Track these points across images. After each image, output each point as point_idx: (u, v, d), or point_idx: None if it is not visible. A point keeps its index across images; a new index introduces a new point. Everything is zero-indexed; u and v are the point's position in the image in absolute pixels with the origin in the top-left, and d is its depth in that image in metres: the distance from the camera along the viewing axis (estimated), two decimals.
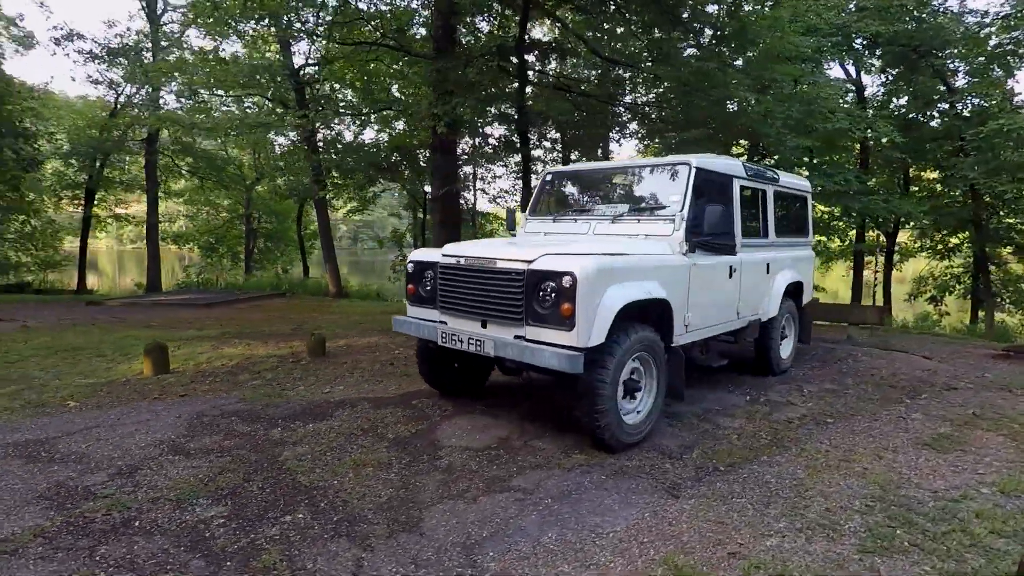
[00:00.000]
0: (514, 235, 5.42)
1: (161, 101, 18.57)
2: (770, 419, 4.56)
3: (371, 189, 17.99)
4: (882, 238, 19.75)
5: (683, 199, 4.35)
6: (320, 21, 10.31)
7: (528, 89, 10.70)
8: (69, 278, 21.84)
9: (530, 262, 3.59)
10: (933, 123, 16.52)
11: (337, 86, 16.02)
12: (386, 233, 24.49)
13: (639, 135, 15.03)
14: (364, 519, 2.91)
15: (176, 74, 14.92)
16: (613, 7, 9.23)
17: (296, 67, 15.11)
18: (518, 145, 11.50)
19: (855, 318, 8.87)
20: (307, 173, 16.50)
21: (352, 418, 4.30)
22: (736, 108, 9.33)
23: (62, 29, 19.65)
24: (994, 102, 14.19)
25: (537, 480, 3.32)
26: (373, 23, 9.86)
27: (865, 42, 16.75)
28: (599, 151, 15.52)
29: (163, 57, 16.88)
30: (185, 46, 17.77)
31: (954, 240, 17.71)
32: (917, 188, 18.24)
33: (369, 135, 21.30)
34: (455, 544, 2.67)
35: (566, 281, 3.38)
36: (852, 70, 18.10)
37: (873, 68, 17.54)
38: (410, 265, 4.43)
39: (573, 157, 16.12)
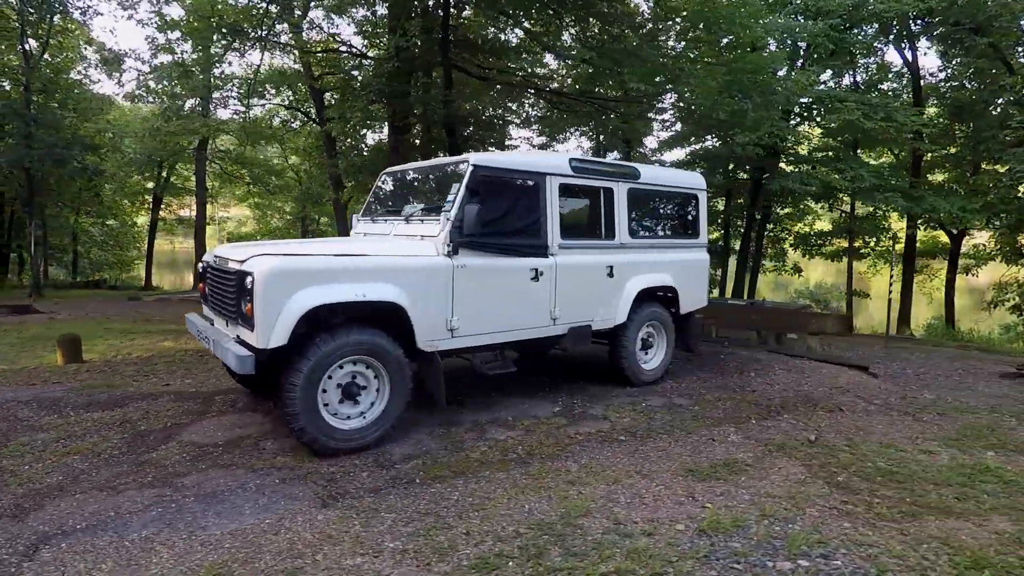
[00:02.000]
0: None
1: (211, 110, 20.16)
2: (556, 433, 4.27)
3: None
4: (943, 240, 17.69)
5: (455, 198, 4.18)
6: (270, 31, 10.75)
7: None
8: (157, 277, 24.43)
9: (242, 262, 3.61)
10: (996, 110, 14.57)
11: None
12: None
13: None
14: None
15: (220, 85, 16.20)
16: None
17: (314, 75, 15.92)
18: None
19: (814, 327, 8.02)
20: (324, 178, 17.29)
21: (131, 411, 4.51)
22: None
23: (114, 50, 21.68)
24: None
25: (204, 479, 3.34)
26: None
27: (920, 22, 15.12)
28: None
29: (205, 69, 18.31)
30: (228, 61, 19.16)
31: None
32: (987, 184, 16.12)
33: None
34: (36, 533, 2.77)
35: (248, 281, 3.38)
36: (909, 55, 16.38)
37: (929, 50, 15.78)
38: (200, 264, 4.58)
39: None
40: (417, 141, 11.46)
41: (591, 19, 7.99)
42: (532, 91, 10.25)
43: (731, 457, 3.91)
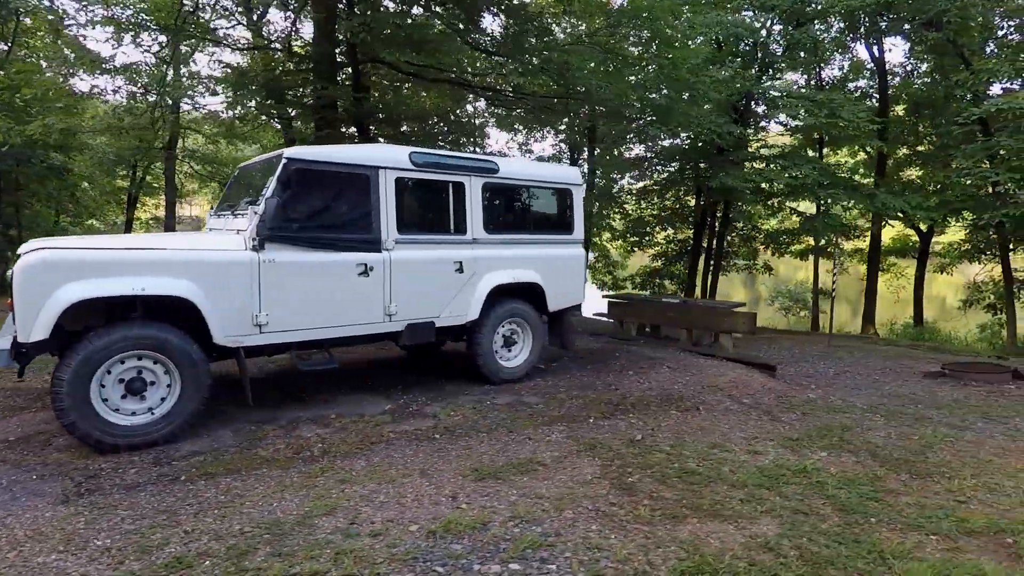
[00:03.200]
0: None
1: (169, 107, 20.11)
2: (369, 431, 4.18)
3: None
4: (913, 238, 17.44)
5: (266, 192, 4.12)
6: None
7: None
8: None
9: (19, 257, 3.56)
10: (955, 106, 14.31)
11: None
12: None
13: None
14: None
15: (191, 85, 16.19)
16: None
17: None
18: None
19: (725, 326, 7.88)
20: None
21: None
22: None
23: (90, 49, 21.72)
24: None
25: None
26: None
27: (885, 17, 14.88)
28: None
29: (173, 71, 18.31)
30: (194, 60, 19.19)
31: None
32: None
33: None
34: None
35: (9, 275, 3.33)
36: (876, 51, 16.14)
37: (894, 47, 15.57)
38: None
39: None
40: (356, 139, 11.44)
41: (493, 8, 7.88)
42: (467, 89, 10.19)
43: (533, 457, 3.81)
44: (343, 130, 10.09)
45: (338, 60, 8.69)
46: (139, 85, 14.93)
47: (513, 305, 5.46)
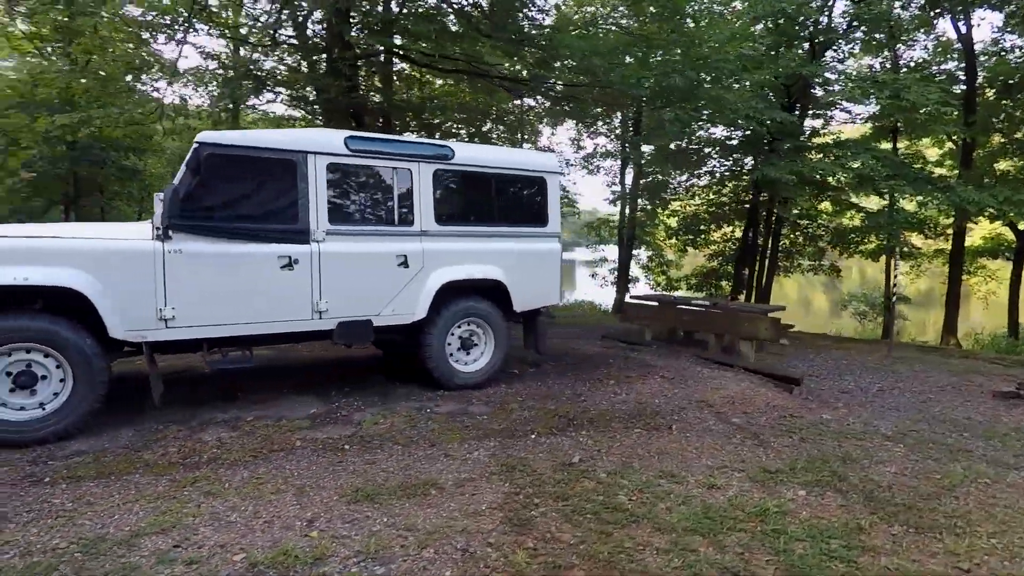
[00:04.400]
0: None
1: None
2: (276, 437, 3.83)
3: None
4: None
5: (176, 179, 3.87)
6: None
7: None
8: None
9: None
10: None
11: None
12: None
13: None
14: None
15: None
16: None
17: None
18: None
19: (745, 332, 7.01)
20: None
21: None
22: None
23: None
24: None
25: None
26: None
27: None
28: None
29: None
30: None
31: None
32: None
33: None
34: None
35: None
36: (963, 27, 14.30)
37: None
38: None
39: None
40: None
41: None
42: (482, 78, 9.76)
43: (433, 478, 3.33)
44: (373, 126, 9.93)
45: (350, 55, 8.50)
46: (206, 90, 15.49)
47: (469, 304, 4.97)
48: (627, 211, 16.36)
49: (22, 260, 3.42)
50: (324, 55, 9.39)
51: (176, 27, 8.39)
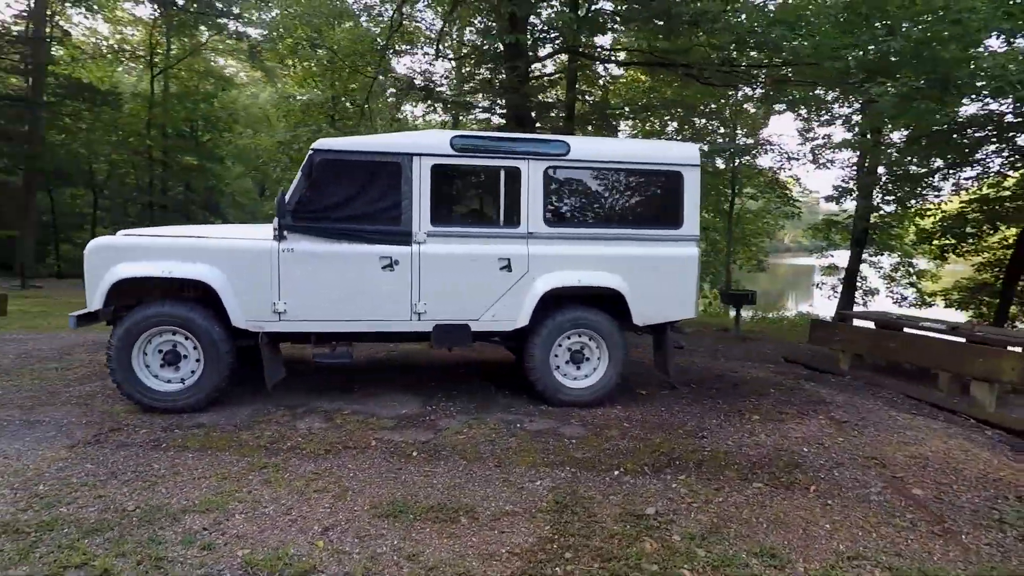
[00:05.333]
0: None
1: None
2: (360, 433, 3.89)
3: None
4: None
5: (293, 183, 4.20)
6: None
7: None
8: None
9: None
10: None
11: None
12: None
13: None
14: None
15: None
16: None
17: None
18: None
19: (980, 370, 5.21)
20: None
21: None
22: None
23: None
24: None
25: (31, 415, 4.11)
26: None
27: None
28: None
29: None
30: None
31: None
32: None
33: None
34: None
35: None
36: None
37: None
38: None
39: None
40: None
41: None
42: (666, 68, 8.95)
43: (473, 505, 3.03)
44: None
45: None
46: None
47: (579, 314, 4.51)
48: (858, 209, 13.71)
49: (170, 256, 4.03)
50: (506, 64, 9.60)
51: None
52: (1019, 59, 6.58)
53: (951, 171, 13.24)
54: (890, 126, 12.22)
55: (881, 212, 14.30)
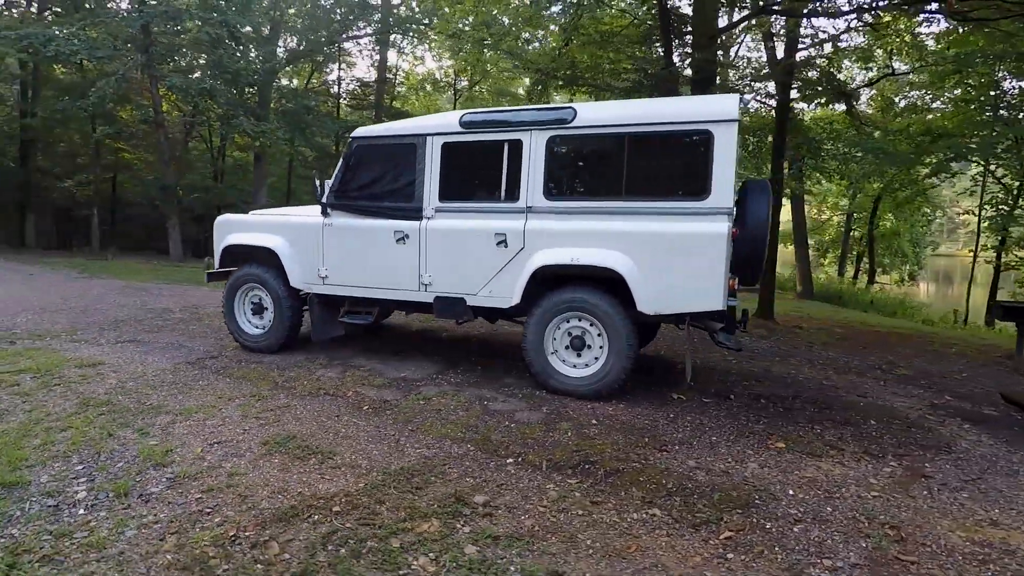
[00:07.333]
0: None
1: None
2: (361, 388, 4.34)
3: None
4: None
5: (338, 167, 4.89)
6: None
7: None
8: None
9: None
10: None
11: None
12: None
13: None
14: None
15: None
16: None
17: None
18: None
19: None
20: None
21: None
22: None
23: None
24: None
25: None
26: None
27: None
28: None
29: None
30: None
31: None
32: None
33: None
34: None
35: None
36: None
37: None
38: None
39: None
40: None
41: None
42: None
43: (338, 452, 3.20)
44: None
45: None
46: None
47: (575, 295, 4.09)
48: None
49: (256, 229, 5.17)
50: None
51: None
52: None
53: None
54: None
55: None
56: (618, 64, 8.98)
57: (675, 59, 7.91)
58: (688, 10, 8.75)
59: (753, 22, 13.15)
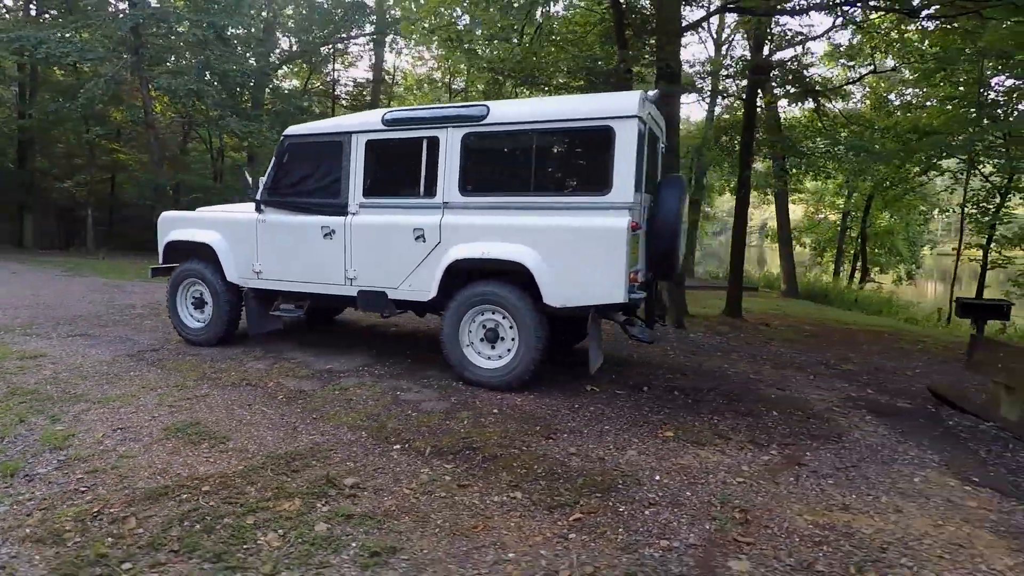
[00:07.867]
0: None
1: None
2: (279, 374, 4.46)
3: None
4: None
5: (271, 165, 5.01)
6: None
7: None
8: None
9: None
10: None
11: None
12: None
13: None
14: None
15: None
16: None
17: None
18: None
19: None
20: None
21: None
22: None
23: None
24: None
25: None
26: None
27: None
28: None
29: None
30: None
31: None
32: None
33: None
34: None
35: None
36: None
37: None
38: None
39: None
40: None
41: None
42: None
43: (231, 437, 3.32)
44: None
45: None
46: None
47: (487, 289, 4.18)
48: None
49: (196, 226, 5.30)
50: None
51: None
52: None
53: None
54: None
55: None
56: (579, 62, 9.04)
57: (630, 56, 7.94)
58: (650, 9, 8.79)
59: (729, 21, 13.18)
